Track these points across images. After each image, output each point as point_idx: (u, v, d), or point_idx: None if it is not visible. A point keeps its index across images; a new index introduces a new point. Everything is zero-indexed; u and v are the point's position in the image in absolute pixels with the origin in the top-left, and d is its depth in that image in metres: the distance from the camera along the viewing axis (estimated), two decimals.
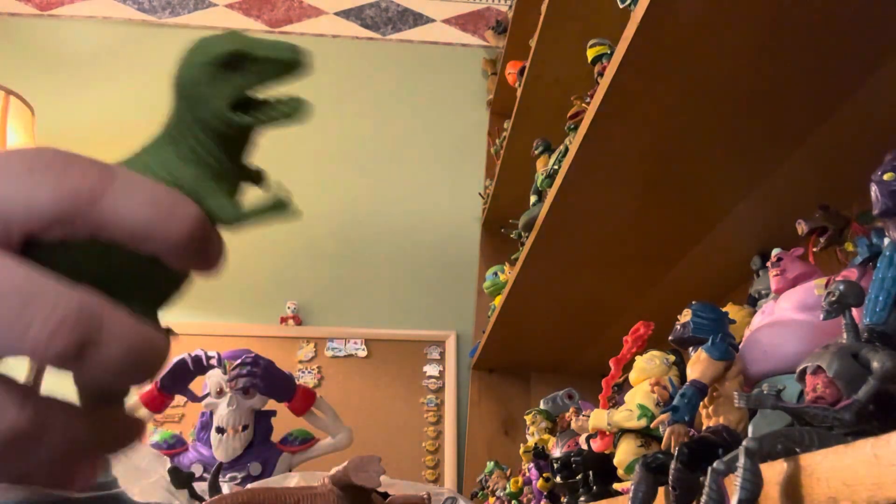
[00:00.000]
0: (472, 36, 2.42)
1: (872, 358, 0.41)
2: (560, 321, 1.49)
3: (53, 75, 2.16)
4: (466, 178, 2.16)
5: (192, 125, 0.25)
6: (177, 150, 0.25)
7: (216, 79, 0.25)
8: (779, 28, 0.68)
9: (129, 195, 0.22)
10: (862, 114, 0.77)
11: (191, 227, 0.22)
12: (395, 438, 1.87)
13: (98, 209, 0.21)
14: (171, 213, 0.22)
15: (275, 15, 2.36)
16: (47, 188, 0.21)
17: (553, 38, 1.33)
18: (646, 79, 0.77)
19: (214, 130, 0.25)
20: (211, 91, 0.25)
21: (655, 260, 1.17)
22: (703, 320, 0.67)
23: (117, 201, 0.21)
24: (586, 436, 0.82)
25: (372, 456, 0.76)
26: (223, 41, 0.25)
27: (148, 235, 0.22)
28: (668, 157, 0.90)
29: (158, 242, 0.22)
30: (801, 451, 0.39)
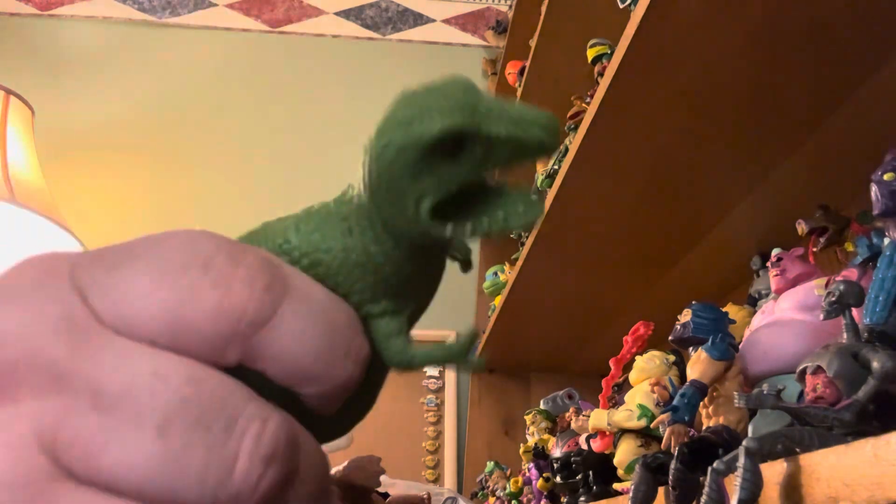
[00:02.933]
0: (472, 36, 2.42)
1: (872, 358, 0.41)
2: (560, 321, 1.49)
3: (53, 75, 2.16)
4: None
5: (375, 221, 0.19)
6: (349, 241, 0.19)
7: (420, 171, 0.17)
8: (778, 28, 0.68)
9: (302, 319, 0.17)
10: (862, 114, 0.77)
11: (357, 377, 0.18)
12: (395, 438, 1.87)
13: (259, 339, 0.16)
14: (346, 351, 0.18)
15: (275, 15, 2.36)
16: (205, 300, 0.16)
17: (553, 38, 1.32)
18: (646, 79, 0.77)
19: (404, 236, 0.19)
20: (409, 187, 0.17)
21: (655, 260, 1.17)
22: (703, 320, 0.67)
23: (284, 332, 0.17)
24: (586, 436, 0.82)
25: (372, 456, 0.76)
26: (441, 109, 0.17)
27: (311, 376, 0.17)
28: (668, 157, 0.90)
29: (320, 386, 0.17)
30: (801, 451, 0.39)
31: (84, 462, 0.15)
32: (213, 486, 0.15)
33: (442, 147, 0.17)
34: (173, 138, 2.12)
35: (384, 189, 0.18)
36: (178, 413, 0.15)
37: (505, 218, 0.18)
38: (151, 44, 2.27)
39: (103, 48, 2.24)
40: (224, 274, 0.16)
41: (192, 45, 2.27)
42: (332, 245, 0.19)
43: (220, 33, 2.32)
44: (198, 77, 2.20)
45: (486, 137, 0.17)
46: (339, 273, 0.19)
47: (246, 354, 0.16)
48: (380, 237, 0.19)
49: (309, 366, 0.17)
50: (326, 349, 0.17)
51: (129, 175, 2.07)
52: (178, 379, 0.15)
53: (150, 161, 2.08)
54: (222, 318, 0.16)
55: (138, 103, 2.16)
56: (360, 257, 0.19)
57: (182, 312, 0.16)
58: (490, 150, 0.17)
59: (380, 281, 0.19)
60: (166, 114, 2.15)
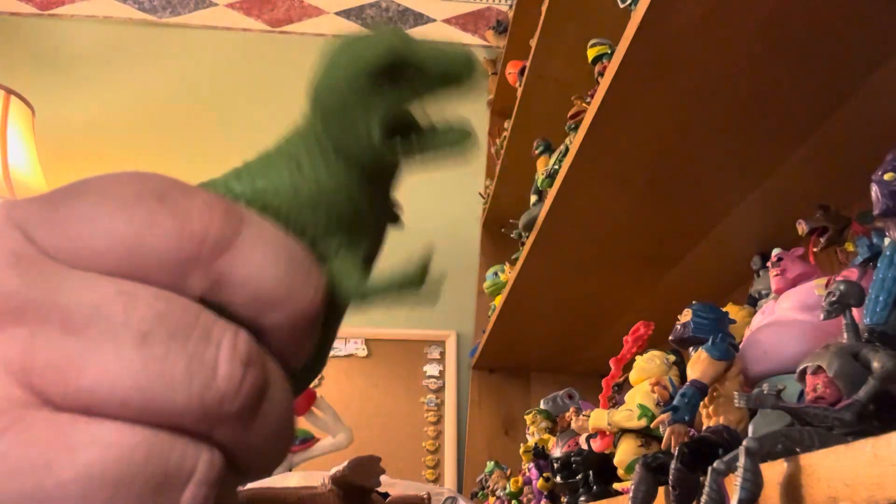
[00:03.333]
0: (473, 36, 2.42)
1: (873, 358, 0.41)
2: (560, 321, 1.49)
3: (53, 75, 2.16)
4: (466, 178, 2.16)
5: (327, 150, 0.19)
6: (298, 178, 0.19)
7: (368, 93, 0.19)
8: (779, 28, 0.68)
9: (261, 244, 0.17)
10: (862, 114, 0.77)
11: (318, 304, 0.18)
12: (395, 438, 1.87)
13: (222, 262, 0.16)
14: (307, 274, 0.18)
15: (275, 15, 2.36)
16: (166, 225, 0.16)
17: (553, 38, 1.32)
18: (646, 79, 0.77)
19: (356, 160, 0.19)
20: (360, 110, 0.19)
21: (655, 260, 1.17)
22: (704, 320, 0.67)
23: (248, 252, 0.17)
24: (586, 436, 0.82)
25: (372, 456, 0.76)
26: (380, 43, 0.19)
27: (276, 298, 0.17)
28: (668, 157, 0.90)
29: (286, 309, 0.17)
30: (802, 451, 0.39)
31: (62, 386, 0.15)
32: (199, 390, 0.15)
33: (383, 73, 0.18)
34: (173, 138, 2.12)
35: (336, 112, 0.19)
36: (156, 324, 0.15)
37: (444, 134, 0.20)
38: (151, 44, 2.27)
39: (103, 48, 2.24)
40: (180, 204, 0.16)
41: (192, 45, 2.27)
42: (279, 186, 0.19)
43: (220, 33, 2.32)
44: (198, 77, 2.20)
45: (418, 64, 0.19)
46: (289, 213, 0.19)
47: (210, 281, 0.16)
48: (331, 166, 0.19)
49: (272, 289, 0.17)
50: (288, 273, 0.17)
51: None
52: (146, 295, 0.15)
53: (151, 161, 2.08)
54: (184, 243, 0.16)
55: (138, 103, 2.16)
56: (310, 192, 0.19)
57: (141, 242, 0.16)
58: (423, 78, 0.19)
59: (332, 214, 0.19)
60: (166, 113, 2.15)
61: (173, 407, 0.15)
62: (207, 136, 2.11)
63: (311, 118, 0.20)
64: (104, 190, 0.16)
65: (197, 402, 0.15)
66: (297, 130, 0.20)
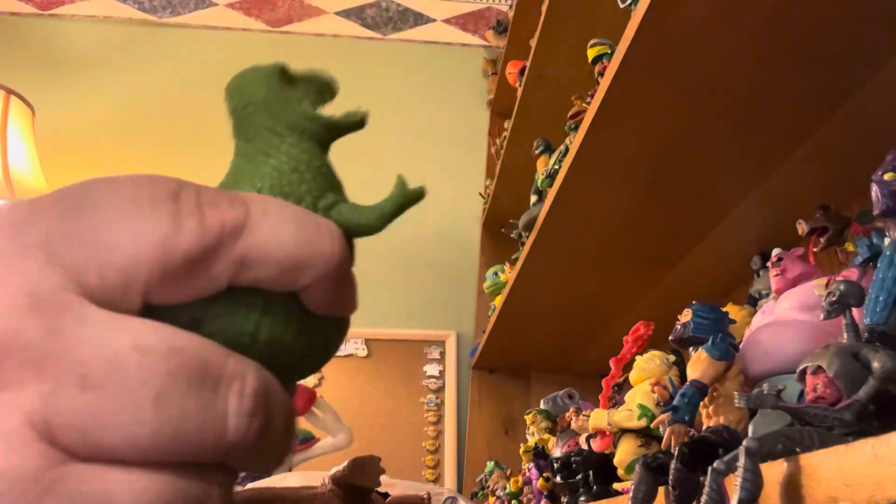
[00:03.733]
0: (473, 36, 2.42)
1: (873, 358, 0.41)
2: (560, 321, 1.49)
3: (53, 75, 2.16)
4: (466, 178, 2.16)
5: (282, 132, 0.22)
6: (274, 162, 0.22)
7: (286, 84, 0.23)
8: (779, 28, 0.68)
9: (270, 218, 0.18)
10: (862, 114, 0.77)
11: (341, 244, 0.19)
12: (395, 438, 1.87)
13: (245, 242, 0.18)
14: (318, 231, 0.19)
15: (275, 15, 2.36)
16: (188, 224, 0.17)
17: (553, 38, 1.32)
18: (646, 79, 0.77)
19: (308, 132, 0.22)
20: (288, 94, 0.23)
21: (655, 260, 1.17)
22: (704, 320, 0.67)
23: (262, 228, 0.18)
24: (586, 436, 0.82)
25: (372, 456, 0.76)
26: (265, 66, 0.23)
27: (300, 262, 0.18)
28: (668, 157, 0.90)
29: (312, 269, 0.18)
30: (802, 451, 0.39)
31: (83, 442, 0.15)
32: (212, 443, 0.16)
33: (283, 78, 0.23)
34: (174, 138, 2.13)
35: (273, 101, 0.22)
36: (169, 383, 0.16)
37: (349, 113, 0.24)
38: (151, 44, 2.27)
39: (103, 48, 2.24)
40: (191, 202, 0.17)
41: (192, 45, 2.27)
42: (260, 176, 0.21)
43: (220, 33, 2.32)
44: (198, 77, 2.20)
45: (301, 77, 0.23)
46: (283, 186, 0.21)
47: (235, 265, 0.18)
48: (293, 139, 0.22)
49: (295, 251, 0.18)
50: (302, 232, 0.18)
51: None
52: (160, 349, 0.16)
53: (151, 160, 2.08)
54: (206, 236, 0.17)
55: (138, 103, 2.16)
56: (290, 163, 0.22)
57: (168, 244, 0.17)
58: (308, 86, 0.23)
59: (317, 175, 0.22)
60: (167, 113, 2.15)
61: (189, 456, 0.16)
62: (207, 135, 2.10)
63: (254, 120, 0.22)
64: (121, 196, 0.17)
65: (210, 450, 0.16)
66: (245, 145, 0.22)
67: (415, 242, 2.08)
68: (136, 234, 0.17)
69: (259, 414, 0.17)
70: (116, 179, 0.18)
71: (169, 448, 0.16)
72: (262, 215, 0.18)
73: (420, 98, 2.28)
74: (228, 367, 0.17)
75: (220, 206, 0.18)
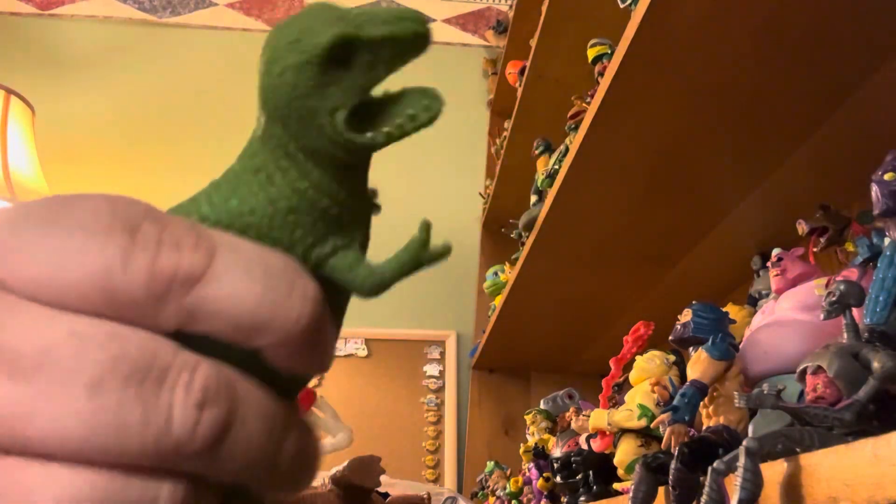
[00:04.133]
0: (473, 36, 2.42)
1: (873, 358, 0.41)
2: (560, 321, 1.49)
3: (53, 75, 2.16)
4: (466, 178, 2.16)
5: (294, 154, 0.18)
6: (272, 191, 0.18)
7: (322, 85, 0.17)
8: (779, 28, 0.68)
9: (234, 270, 0.16)
10: (862, 114, 0.77)
11: (312, 310, 0.17)
12: (395, 438, 1.87)
13: (194, 295, 0.16)
14: (288, 292, 0.16)
15: (275, 15, 2.37)
16: (137, 262, 0.15)
17: (553, 38, 1.32)
18: (646, 79, 0.77)
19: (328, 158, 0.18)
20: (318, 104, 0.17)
21: (655, 260, 1.17)
22: (704, 320, 0.67)
23: (220, 283, 0.16)
24: (586, 436, 0.82)
25: (372, 456, 0.76)
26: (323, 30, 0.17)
27: (258, 324, 0.16)
28: (668, 157, 0.90)
29: (270, 333, 0.16)
30: (802, 451, 0.39)
31: (9, 434, 0.14)
32: (153, 438, 0.15)
33: (333, 58, 0.17)
34: (174, 138, 2.13)
35: (296, 113, 0.18)
36: (108, 370, 0.15)
37: (413, 115, 0.18)
38: (151, 44, 2.27)
39: (103, 48, 2.24)
40: (150, 236, 0.16)
41: (192, 45, 2.27)
42: (254, 204, 0.18)
43: (220, 33, 2.32)
44: (198, 77, 2.20)
45: (367, 41, 0.18)
46: (273, 229, 0.18)
47: (184, 316, 0.16)
48: (304, 169, 0.18)
49: (253, 313, 0.16)
50: (266, 291, 0.16)
51: (130, 174, 2.07)
52: (99, 336, 0.15)
53: (151, 160, 2.08)
54: (154, 281, 0.15)
55: (138, 103, 2.16)
56: (290, 201, 0.18)
57: (110, 278, 0.15)
58: (374, 53, 0.18)
59: (319, 218, 0.18)
60: (167, 113, 2.15)
61: (128, 454, 0.15)
62: (207, 135, 2.11)
63: (269, 124, 0.18)
64: (74, 219, 0.16)
65: (153, 448, 0.15)
66: (259, 140, 0.19)
67: None
68: (77, 261, 0.15)
69: (212, 407, 0.15)
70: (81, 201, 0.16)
71: (105, 442, 0.14)
72: (226, 267, 0.16)
73: None
74: (178, 358, 0.15)
75: (181, 249, 0.16)
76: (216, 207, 0.18)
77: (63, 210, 0.16)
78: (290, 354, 0.17)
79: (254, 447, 0.16)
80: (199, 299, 0.16)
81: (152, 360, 0.15)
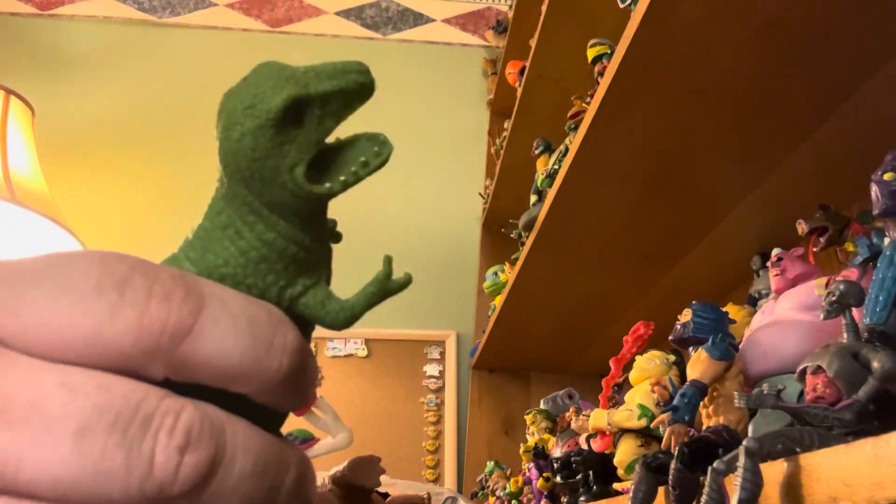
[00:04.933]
0: (473, 36, 2.42)
1: (873, 358, 0.41)
2: (560, 321, 1.49)
3: (53, 75, 2.16)
4: (466, 178, 2.16)
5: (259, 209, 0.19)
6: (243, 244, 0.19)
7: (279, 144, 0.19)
8: (779, 28, 0.68)
9: (222, 324, 0.17)
10: (862, 114, 0.77)
11: (291, 360, 0.18)
12: (395, 438, 1.87)
13: (184, 348, 0.17)
14: (270, 345, 0.18)
15: (275, 15, 2.36)
16: (125, 319, 0.16)
17: (553, 38, 1.32)
18: (646, 79, 0.77)
19: (290, 209, 0.19)
20: (278, 162, 0.19)
21: (655, 260, 1.17)
22: (703, 320, 0.67)
23: (208, 336, 0.17)
24: (586, 436, 0.82)
25: (372, 456, 0.76)
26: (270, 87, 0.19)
27: (242, 375, 0.17)
28: (668, 157, 0.90)
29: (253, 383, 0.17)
30: (802, 451, 0.39)
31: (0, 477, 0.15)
32: (137, 483, 0.15)
33: (286, 118, 0.19)
34: (174, 138, 2.12)
35: (258, 174, 0.19)
36: (93, 419, 0.15)
37: (366, 162, 0.20)
38: (151, 44, 2.27)
39: (103, 48, 2.24)
40: (140, 292, 0.16)
41: (192, 45, 2.27)
42: (227, 257, 0.19)
43: (220, 33, 2.32)
44: (198, 77, 2.20)
45: (316, 98, 0.19)
46: (247, 276, 0.20)
47: (171, 368, 0.17)
48: (269, 221, 0.19)
49: (236, 367, 0.17)
50: (249, 347, 0.17)
51: (130, 175, 2.07)
52: (87, 387, 0.16)
53: (151, 161, 2.08)
54: (143, 337, 0.16)
55: (138, 103, 2.16)
56: (260, 251, 0.19)
57: (101, 336, 0.16)
58: (323, 108, 0.19)
59: (289, 263, 0.20)
60: (167, 113, 2.15)
61: (112, 499, 0.15)
62: (207, 136, 2.10)
63: (232, 184, 0.19)
64: (65, 277, 0.16)
65: (136, 492, 0.15)
66: (223, 198, 0.20)
67: (415, 242, 2.09)
68: (67, 319, 0.16)
69: (192, 449, 0.16)
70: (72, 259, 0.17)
71: (90, 486, 0.15)
72: (214, 321, 0.17)
73: (420, 98, 2.28)
74: (163, 405, 0.16)
75: (171, 301, 0.16)
76: (195, 262, 0.20)
77: (54, 268, 0.17)
78: (273, 397, 0.18)
79: (244, 487, 0.17)
80: (186, 354, 0.17)
81: (137, 407, 0.16)
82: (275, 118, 0.18)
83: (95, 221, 1.98)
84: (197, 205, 0.21)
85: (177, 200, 1.99)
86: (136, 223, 1.99)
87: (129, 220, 2.01)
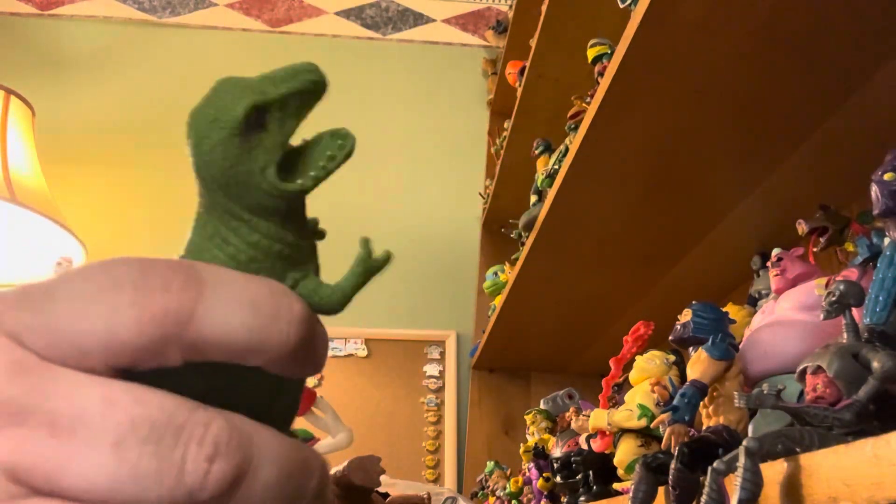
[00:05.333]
0: (473, 36, 2.42)
1: (873, 358, 0.41)
2: (560, 321, 1.49)
3: (53, 75, 2.16)
4: (466, 178, 2.16)
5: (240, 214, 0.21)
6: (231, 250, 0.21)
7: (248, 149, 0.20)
8: (779, 28, 0.68)
9: (224, 303, 0.18)
10: (862, 114, 0.77)
11: (299, 329, 0.19)
12: (395, 438, 1.87)
13: (192, 331, 0.18)
14: (275, 316, 0.19)
15: (275, 15, 2.36)
16: (128, 315, 0.17)
17: (553, 38, 1.32)
18: (646, 79, 0.77)
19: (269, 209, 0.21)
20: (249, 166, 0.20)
21: (655, 260, 1.17)
22: (703, 320, 0.67)
23: (212, 315, 0.18)
24: (586, 436, 0.82)
25: (372, 456, 0.76)
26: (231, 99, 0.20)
27: (251, 348, 0.18)
28: (668, 157, 0.90)
29: (264, 354, 0.19)
30: (802, 451, 0.39)
31: (47, 484, 0.17)
32: (168, 489, 0.17)
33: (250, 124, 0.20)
34: (174, 138, 2.11)
35: (233, 180, 0.20)
36: (130, 431, 0.17)
37: (332, 156, 0.21)
38: (151, 44, 2.27)
39: (103, 48, 2.24)
40: (139, 287, 0.18)
41: (192, 45, 2.27)
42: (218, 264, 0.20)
43: (220, 33, 2.32)
44: (198, 77, 2.20)
45: (275, 101, 0.20)
46: None
47: (185, 352, 0.18)
48: (252, 224, 0.21)
49: (244, 341, 0.18)
50: (254, 321, 0.18)
51: (130, 175, 2.07)
52: (125, 401, 0.17)
53: (151, 161, 2.08)
54: (149, 328, 0.17)
55: (138, 103, 2.16)
56: (248, 254, 0.21)
57: (114, 337, 0.17)
58: (282, 109, 0.21)
59: (276, 261, 0.21)
60: (166, 113, 2.15)
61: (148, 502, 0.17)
62: None
63: (211, 194, 0.21)
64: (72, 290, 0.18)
65: (168, 498, 0.17)
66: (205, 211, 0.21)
67: (415, 242, 2.08)
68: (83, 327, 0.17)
69: (221, 458, 0.17)
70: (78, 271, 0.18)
71: (127, 493, 0.17)
72: (215, 301, 0.18)
73: (420, 98, 2.28)
74: (194, 417, 0.17)
75: (170, 290, 0.18)
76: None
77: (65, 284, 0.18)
78: (285, 366, 0.19)
79: (270, 493, 0.18)
80: (194, 336, 0.18)
81: (170, 419, 0.17)
82: (239, 126, 0.20)
83: (95, 221, 1.98)
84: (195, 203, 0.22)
85: (177, 200, 1.99)
86: (137, 223, 1.99)
87: (129, 219, 2.01)
